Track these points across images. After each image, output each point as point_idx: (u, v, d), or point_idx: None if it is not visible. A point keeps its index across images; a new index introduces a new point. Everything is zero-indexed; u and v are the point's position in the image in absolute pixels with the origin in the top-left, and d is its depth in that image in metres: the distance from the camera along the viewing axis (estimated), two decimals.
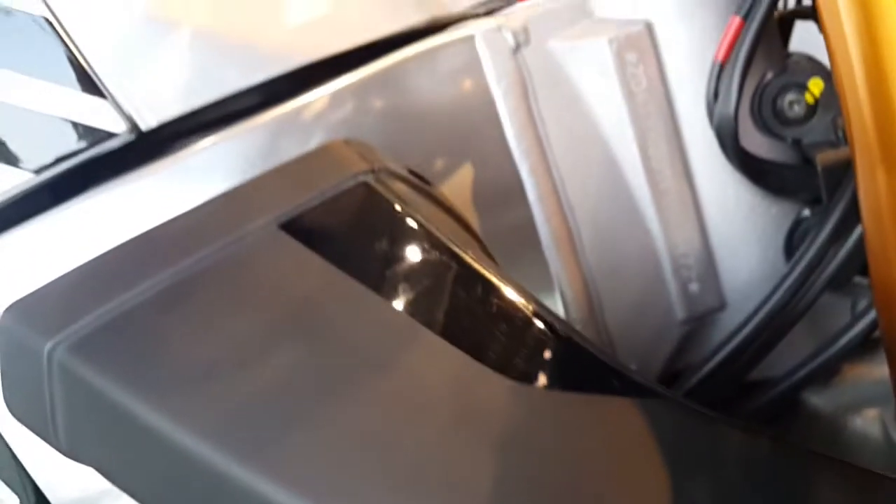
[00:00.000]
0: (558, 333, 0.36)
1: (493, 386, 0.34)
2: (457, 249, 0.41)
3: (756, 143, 0.54)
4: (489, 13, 0.60)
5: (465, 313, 0.38)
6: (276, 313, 0.39)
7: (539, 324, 0.36)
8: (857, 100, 0.42)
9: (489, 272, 0.39)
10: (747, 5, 0.50)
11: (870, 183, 0.43)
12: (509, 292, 0.38)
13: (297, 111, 0.51)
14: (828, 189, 0.50)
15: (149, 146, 0.49)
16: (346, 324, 0.38)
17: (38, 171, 0.48)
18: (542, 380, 0.35)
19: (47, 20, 0.45)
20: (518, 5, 0.59)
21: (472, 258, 0.40)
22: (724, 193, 0.55)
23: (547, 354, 0.36)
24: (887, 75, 0.40)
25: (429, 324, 0.37)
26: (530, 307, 0.37)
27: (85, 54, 0.46)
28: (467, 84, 0.53)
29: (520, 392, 0.33)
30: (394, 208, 0.43)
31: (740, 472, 0.32)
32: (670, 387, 0.53)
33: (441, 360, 0.36)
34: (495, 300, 0.37)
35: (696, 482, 0.33)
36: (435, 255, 0.40)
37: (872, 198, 0.43)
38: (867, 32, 0.40)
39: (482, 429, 0.32)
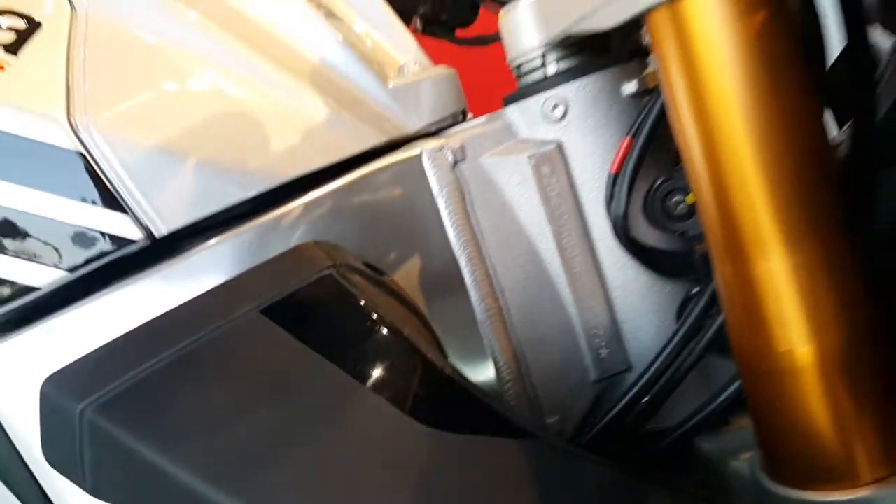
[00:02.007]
0: (470, 393, 0.44)
1: (416, 433, 0.41)
2: (399, 329, 0.48)
3: (649, 234, 0.60)
4: (438, 132, 0.67)
5: (401, 379, 0.46)
6: (258, 382, 0.45)
7: (455, 387, 0.44)
8: (704, 205, 0.47)
9: (420, 346, 0.47)
10: (636, 127, 0.58)
11: (720, 270, 0.49)
12: (434, 362, 0.46)
13: (280, 217, 0.56)
14: (703, 272, 0.57)
15: (161, 249, 0.54)
16: (312, 390, 0.44)
17: (71, 270, 0.52)
18: (454, 427, 0.42)
19: (81, 155, 0.51)
20: (458, 127, 0.66)
21: (409, 335, 0.48)
22: (625, 276, 0.60)
23: (460, 410, 0.44)
24: (725, 189, 0.47)
25: (374, 387, 0.45)
26: (447, 372, 0.44)
27: (110, 178, 0.51)
28: (416, 192, 0.58)
29: (435, 437, 0.41)
30: (352, 296, 0.50)
31: (591, 497, 0.39)
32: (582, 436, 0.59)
33: (381, 416, 0.43)
34: (422, 368, 0.45)
35: None
36: (381, 335, 0.48)
37: (723, 282, 0.50)
38: (709, 155, 0.47)
39: (405, 464, 0.40)
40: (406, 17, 0.95)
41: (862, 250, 0.47)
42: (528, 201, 0.60)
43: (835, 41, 0.50)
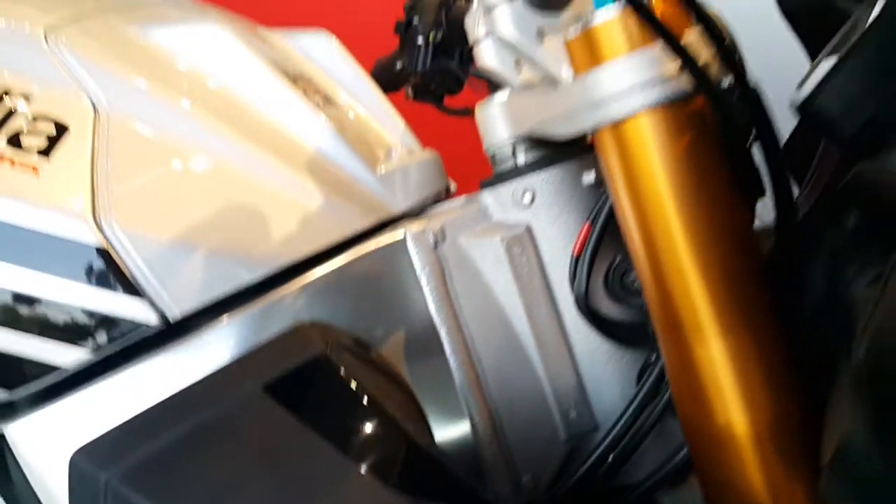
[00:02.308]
0: (443, 466, 0.50)
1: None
2: (382, 404, 0.55)
3: (610, 308, 0.66)
4: (422, 211, 0.74)
5: (383, 452, 0.52)
6: (260, 454, 0.50)
7: (430, 460, 0.50)
8: (648, 294, 0.54)
9: (401, 419, 0.53)
10: (594, 213, 0.64)
11: (664, 349, 0.56)
12: (412, 437, 0.52)
13: (281, 298, 0.61)
14: (656, 343, 0.63)
15: (175, 329, 0.59)
16: (305, 461, 0.50)
17: (93, 351, 0.57)
18: (427, 496, 0.48)
19: (105, 249, 0.57)
20: (439, 207, 0.73)
21: (391, 408, 0.54)
22: (588, 345, 0.66)
23: (433, 481, 0.50)
24: (664, 283, 0.53)
25: (357, 458, 0.51)
26: (424, 445, 0.51)
27: (130, 269, 0.57)
28: (401, 271, 0.63)
29: None
30: (341, 375, 0.56)
31: None
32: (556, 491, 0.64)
33: (364, 486, 0.49)
34: (402, 442, 0.52)
35: None
36: (366, 410, 0.54)
37: (667, 359, 0.56)
38: (649, 252, 0.54)
39: None
40: (396, 86, 1.01)
41: (789, 335, 0.53)
42: (502, 278, 0.66)
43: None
